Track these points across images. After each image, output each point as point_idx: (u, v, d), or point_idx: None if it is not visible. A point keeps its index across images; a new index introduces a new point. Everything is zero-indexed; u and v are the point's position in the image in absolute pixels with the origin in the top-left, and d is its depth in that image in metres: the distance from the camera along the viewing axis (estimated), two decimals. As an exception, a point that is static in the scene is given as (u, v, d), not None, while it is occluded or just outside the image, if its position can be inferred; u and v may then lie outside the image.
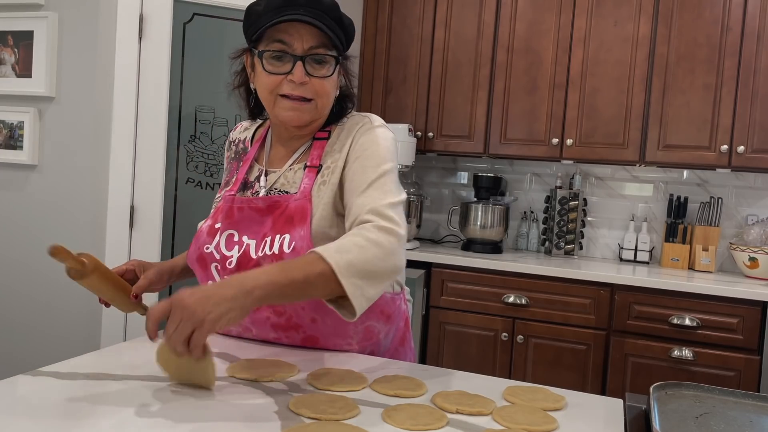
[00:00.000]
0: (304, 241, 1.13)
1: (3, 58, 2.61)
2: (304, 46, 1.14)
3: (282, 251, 1.14)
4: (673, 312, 2.50)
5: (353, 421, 0.88)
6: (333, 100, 1.23)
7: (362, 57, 3.25)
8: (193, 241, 1.26)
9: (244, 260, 1.17)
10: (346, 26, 1.20)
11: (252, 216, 1.20)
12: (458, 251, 3.04)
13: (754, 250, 2.73)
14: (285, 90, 1.16)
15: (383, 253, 1.05)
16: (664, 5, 2.79)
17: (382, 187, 1.14)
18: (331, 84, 1.19)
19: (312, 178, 1.20)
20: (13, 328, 2.63)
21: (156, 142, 2.57)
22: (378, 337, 1.28)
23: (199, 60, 2.66)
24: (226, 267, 1.19)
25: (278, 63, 1.16)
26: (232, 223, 1.21)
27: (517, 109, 3.00)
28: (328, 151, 1.23)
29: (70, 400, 0.90)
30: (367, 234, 1.06)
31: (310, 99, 1.18)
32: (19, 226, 2.62)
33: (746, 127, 2.68)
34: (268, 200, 1.20)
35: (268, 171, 1.26)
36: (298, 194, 1.18)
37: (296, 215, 1.16)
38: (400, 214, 1.13)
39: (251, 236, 1.19)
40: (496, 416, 0.93)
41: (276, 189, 1.23)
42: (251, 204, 1.20)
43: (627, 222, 3.16)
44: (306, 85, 1.16)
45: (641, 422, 0.98)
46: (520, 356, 2.70)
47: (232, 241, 1.20)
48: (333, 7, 1.17)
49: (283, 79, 1.16)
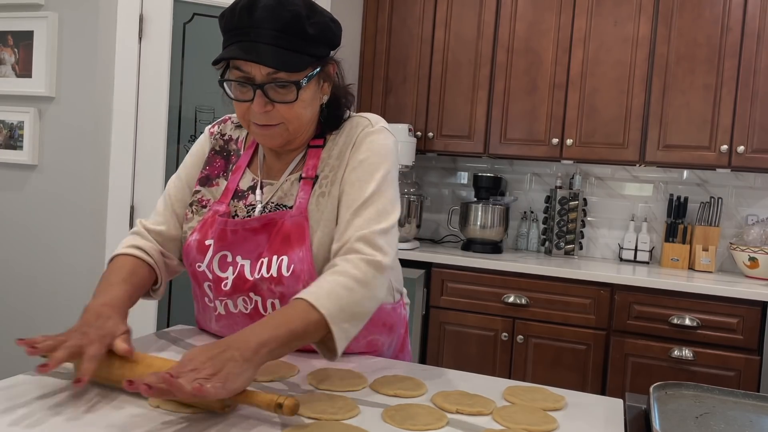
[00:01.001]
0: (304, 263, 1.10)
1: (3, 58, 2.61)
2: (262, 73, 1.05)
3: (281, 274, 1.10)
4: (673, 312, 2.50)
5: (353, 421, 0.88)
6: (309, 117, 1.14)
7: (362, 57, 3.25)
8: (184, 255, 1.21)
9: (240, 282, 1.13)
10: (315, 35, 1.07)
11: (246, 236, 1.14)
12: (458, 251, 3.04)
13: (754, 250, 2.73)
14: (253, 118, 1.10)
15: (370, 292, 1.04)
16: (664, 5, 2.79)
17: (376, 206, 1.10)
18: (300, 105, 1.09)
19: (308, 191, 1.14)
20: (13, 328, 2.63)
21: (156, 142, 2.56)
22: (381, 349, 1.28)
23: (199, 60, 2.66)
24: (221, 289, 1.15)
25: (242, 89, 1.08)
26: (226, 245, 1.15)
27: (517, 109, 3.00)
28: (325, 158, 1.17)
29: (69, 400, 0.90)
30: (354, 272, 1.03)
31: (279, 123, 1.10)
32: (19, 226, 2.62)
33: (746, 127, 2.68)
34: (263, 219, 1.14)
35: (264, 183, 1.20)
36: (294, 210, 1.13)
37: (293, 234, 1.11)
38: (390, 240, 1.10)
39: (245, 256, 1.14)
40: (496, 416, 0.93)
41: (273, 203, 1.17)
42: (246, 226, 1.14)
43: (627, 222, 3.16)
44: (270, 113, 1.08)
45: (641, 422, 0.98)
46: (520, 356, 2.70)
47: (225, 262, 1.15)
48: (293, 20, 1.04)
49: (249, 106, 1.09)
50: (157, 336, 1.26)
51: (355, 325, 1.02)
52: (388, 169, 1.15)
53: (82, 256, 2.52)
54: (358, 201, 1.11)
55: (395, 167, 1.17)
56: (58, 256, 2.56)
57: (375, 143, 1.16)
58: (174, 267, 1.26)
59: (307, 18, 1.06)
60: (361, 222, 1.09)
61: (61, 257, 2.55)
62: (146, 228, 1.24)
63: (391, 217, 1.11)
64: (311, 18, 1.07)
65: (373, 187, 1.12)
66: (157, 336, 1.26)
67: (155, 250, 1.21)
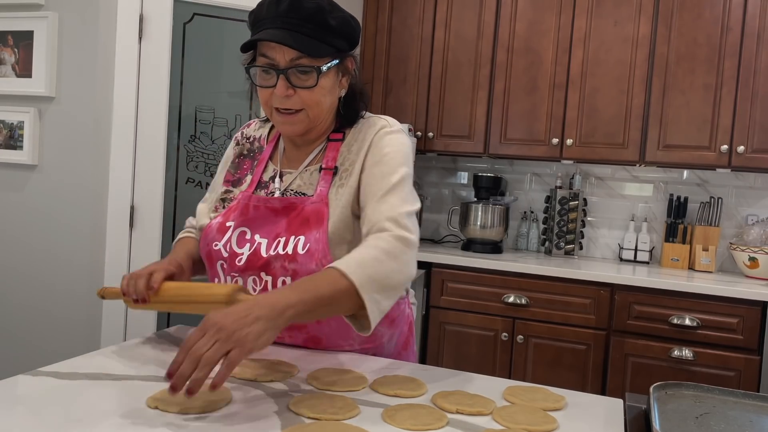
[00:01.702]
0: (319, 243, 1.14)
1: (3, 58, 2.61)
2: (286, 58, 1.13)
3: (296, 252, 1.14)
4: (673, 312, 2.50)
5: (353, 421, 0.88)
6: (328, 106, 1.20)
7: (362, 57, 3.25)
8: (202, 237, 1.26)
9: (254, 258, 1.17)
10: (336, 27, 1.16)
11: (267, 215, 1.20)
12: (458, 251, 3.04)
13: (754, 250, 2.73)
14: (275, 103, 1.16)
15: (399, 265, 1.08)
16: (664, 5, 2.79)
17: (400, 193, 1.16)
18: (320, 92, 1.16)
19: (328, 181, 1.20)
20: (13, 328, 2.63)
21: (156, 142, 2.56)
22: (381, 340, 1.28)
23: (199, 60, 2.66)
24: (235, 264, 1.18)
25: (266, 76, 1.16)
26: (246, 221, 1.21)
27: (517, 109, 3.00)
28: (344, 152, 1.23)
29: (70, 400, 0.90)
30: (384, 246, 1.08)
31: (300, 109, 1.16)
32: (19, 226, 2.62)
33: (746, 127, 2.68)
34: (285, 201, 1.20)
35: (283, 172, 1.26)
36: (315, 197, 1.19)
37: (312, 217, 1.17)
38: (414, 222, 1.16)
39: (263, 235, 1.19)
40: (496, 416, 0.93)
41: (292, 191, 1.23)
42: (268, 203, 1.21)
43: (627, 222, 3.16)
44: (291, 98, 1.15)
45: (641, 422, 0.98)
46: (520, 356, 2.70)
47: (243, 238, 1.20)
48: (316, 11, 1.13)
49: (272, 91, 1.15)
50: (157, 336, 1.26)
51: (386, 297, 1.05)
52: (409, 170, 1.22)
53: (82, 256, 2.52)
54: (383, 189, 1.16)
55: (412, 170, 1.23)
56: (58, 256, 2.56)
57: (396, 141, 1.22)
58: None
59: (329, 11, 1.15)
60: (387, 207, 1.15)
61: (61, 257, 2.55)
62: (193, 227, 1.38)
63: (415, 203, 1.18)
64: (333, 12, 1.15)
65: (397, 178, 1.18)
66: (157, 336, 1.26)
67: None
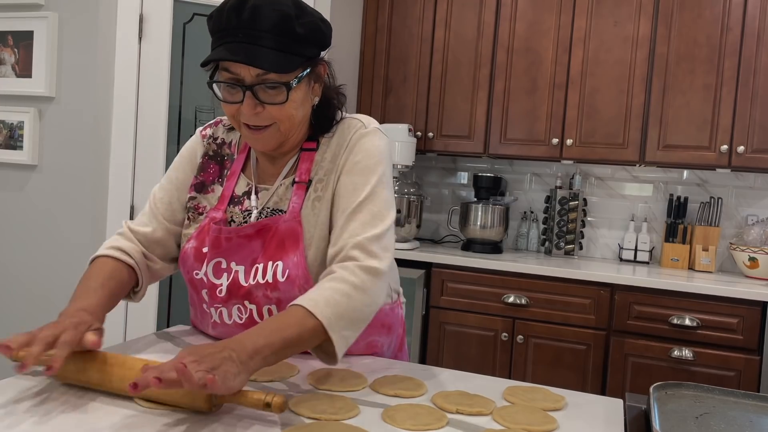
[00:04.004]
0: (299, 268, 1.10)
1: (3, 58, 2.61)
2: (251, 74, 1.04)
3: (276, 280, 1.10)
4: (673, 312, 2.50)
5: (353, 421, 0.88)
6: (301, 117, 1.12)
7: (362, 57, 3.25)
8: (181, 262, 1.20)
9: (234, 288, 1.13)
10: (304, 36, 1.06)
11: (240, 243, 1.14)
12: (458, 251, 3.04)
13: (754, 250, 2.73)
14: (243, 119, 1.08)
15: (368, 299, 1.04)
16: (664, 5, 2.78)
17: (371, 208, 1.10)
18: (292, 106, 1.08)
19: (301, 196, 1.14)
20: (13, 328, 2.63)
21: (156, 142, 2.56)
22: (381, 349, 1.28)
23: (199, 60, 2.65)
24: (216, 296, 1.14)
25: (232, 91, 1.07)
26: (220, 252, 1.15)
27: (517, 109, 3.00)
28: (319, 161, 1.16)
29: (70, 400, 0.90)
30: (353, 280, 1.02)
31: (271, 124, 1.09)
32: (19, 226, 2.62)
33: (746, 127, 2.68)
34: (258, 225, 1.13)
35: (258, 188, 1.19)
36: (287, 214, 1.13)
37: (287, 239, 1.11)
38: (385, 244, 1.09)
39: (239, 262, 1.13)
40: (496, 416, 0.93)
41: (269, 208, 1.16)
42: (240, 233, 1.14)
43: (627, 222, 3.16)
44: (261, 114, 1.07)
45: (641, 422, 0.98)
46: (520, 356, 2.70)
47: (219, 268, 1.15)
48: (281, 20, 1.03)
49: (239, 107, 1.07)
50: (157, 336, 1.26)
51: (354, 331, 1.02)
52: (382, 172, 1.14)
53: (82, 256, 2.52)
54: (352, 205, 1.10)
55: (389, 168, 1.17)
56: (58, 256, 2.56)
57: (368, 144, 1.15)
58: (157, 270, 1.24)
59: (296, 18, 1.04)
60: (355, 226, 1.09)
61: (61, 257, 2.55)
62: (131, 229, 1.22)
63: (385, 220, 1.11)
64: (300, 18, 1.05)
65: (368, 191, 1.11)
66: (157, 336, 1.26)
67: (137, 252, 1.19)
